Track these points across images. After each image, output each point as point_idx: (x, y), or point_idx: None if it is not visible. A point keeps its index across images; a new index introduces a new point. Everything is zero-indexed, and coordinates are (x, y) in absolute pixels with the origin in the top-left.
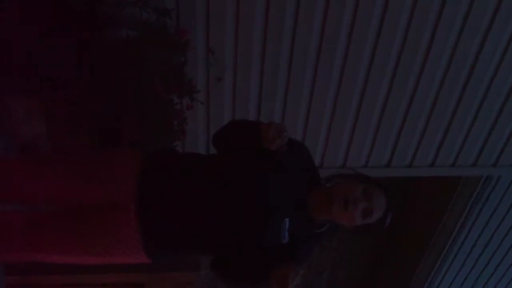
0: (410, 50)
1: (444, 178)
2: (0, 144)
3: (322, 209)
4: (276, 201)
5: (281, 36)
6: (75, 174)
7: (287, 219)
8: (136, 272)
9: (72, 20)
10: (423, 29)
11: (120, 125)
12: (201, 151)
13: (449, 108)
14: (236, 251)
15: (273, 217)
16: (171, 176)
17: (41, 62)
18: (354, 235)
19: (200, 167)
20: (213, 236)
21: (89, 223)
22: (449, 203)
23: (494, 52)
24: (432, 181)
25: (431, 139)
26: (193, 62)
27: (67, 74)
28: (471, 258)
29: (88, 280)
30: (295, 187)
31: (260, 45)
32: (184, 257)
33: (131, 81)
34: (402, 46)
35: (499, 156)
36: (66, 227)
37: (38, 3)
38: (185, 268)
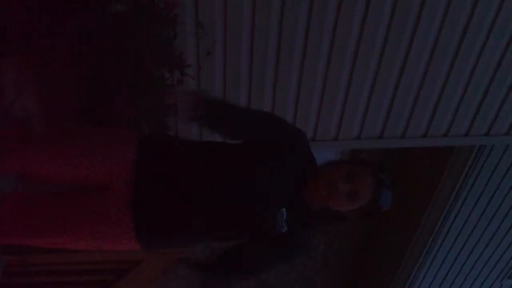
0: (399, 21)
1: (437, 148)
2: None
3: (313, 196)
4: (273, 191)
5: (270, 9)
6: (72, 152)
7: (284, 209)
8: None
9: None
10: (412, 1)
11: (112, 98)
12: (192, 127)
13: (441, 78)
14: (231, 242)
15: (271, 207)
16: (168, 162)
17: (32, 35)
18: (355, 221)
19: (198, 154)
20: (209, 225)
21: (82, 207)
22: (442, 174)
23: (483, 21)
24: (425, 152)
25: (423, 109)
26: (183, 37)
27: (57, 47)
28: (467, 228)
29: (85, 258)
30: (291, 178)
31: (249, 18)
32: (176, 246)
33: (121, 56)
34: (391, 18)
35: (492, 125)
36: (57, 211)
37: None
38: None
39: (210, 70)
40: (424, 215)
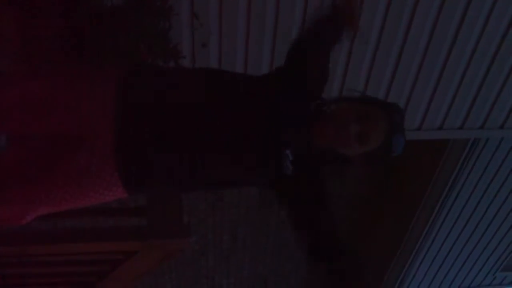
0: (395, 13)
1: (431, 141)
2: None
3: (319, 136)
4: (277, 129)
5: (266, 0)
6: (45, 97)
7: (288, 151)
8: (129, 240)
9: None
10: None
11: None
12: None
13: (436, 71)
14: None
15: (275, 146)
16: (156, 97)
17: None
18: (362, 168)
19: (191, 88)
20: (205, 169)
21: (62, 157)
22: (437, 167)
23: (479, 14)
24: (420, 145)
25: (417, 102)
26: (178, 28)
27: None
28: (460, 221)
29: (81, 249)
30: (297, 115)
31: (245, 9)
32: (164, 192)
33: (116, 47)
34: (386, 10)
35: (486, 118)
36: (35, 169)
37: None
38: (176, 235)
39: (205, 62)
40: (418, 207)
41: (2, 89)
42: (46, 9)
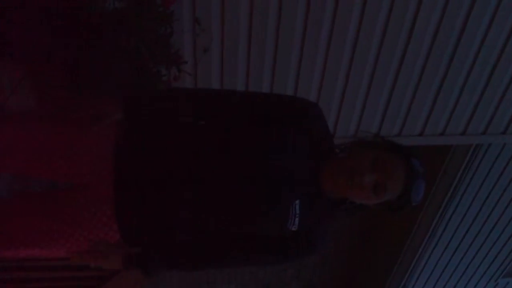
0: (397, 19)
1: (433, 147)
2: None
3: (331, 186)
4: (286, 179)
5: (268, 5)
6: (43, 148)
7: (297, 202)
8: None
9: None
10: (409, 1)
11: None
12: None
13: (438, 76)
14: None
15: (283, 200)
16: (155, 154)
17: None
18: (380, 213)
19: (194, 142)
20: (205, 222)
21: (56, 212)
22: (439, 173)
23: (480, 21)
24: (422, 151)
25: (419, 108)
26: (180, 33)
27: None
28: (462, 227)
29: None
30: (303, 165)
31: (247, 14)
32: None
33: (117, 52)
34: (388, 16)
35: (489, 124)
36: (29, 220)
37: None
38: None
39: (207, 67)
40: (420, 214)
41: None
42: (47, 10)
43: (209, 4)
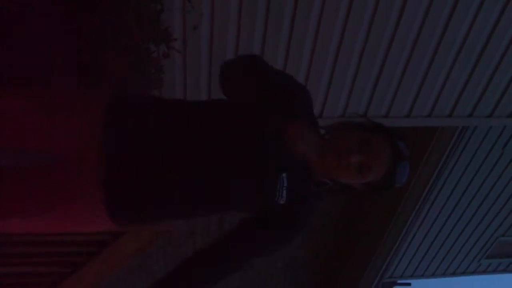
0: (386, 2)
1: (420, 128)
2: None
3: (318, 165)
4: (273, 153)
5: None
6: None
7: (284, 175)
8: None
9: None
10: None
11: (97, 70)
12: None
13: (425, 59)
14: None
15: (271, 171)
16: (147, 126)
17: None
18: (364, 196)
19: (185, 116)
20: (196, 198)
21: (41, 182)
22: (424, 154)
23: (469, 5)
24: (408, 132)
25: (407, 89)
26: (170, 10)
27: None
28: (446, 208)
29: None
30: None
31: None
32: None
33: (108, 27)
34: (376, 4)
35: (475, 106)
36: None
37: None
38: None
39: (197, 44)
40: (405, 194)
41: None
42: None
43: None
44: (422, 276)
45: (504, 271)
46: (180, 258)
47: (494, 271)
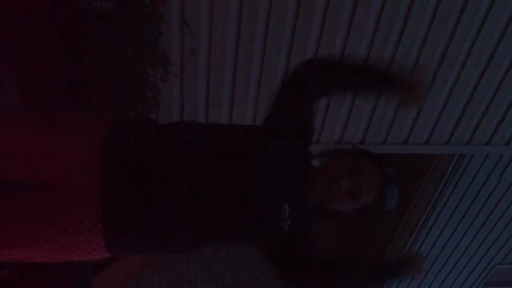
0: (385, 26)
1: (417, 156)
2: None
3: (310, 193)
4: (274, 185)
5: (256, 8)
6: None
7: (286, 205)
8: None
9: None
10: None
11: (93, 94)
12: None
13: (424, 86)
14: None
15: (273, 202)
16: (149, 152)
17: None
18: (355, 220)
19: (186, 143)
20: (195, 229)
21: (35, 211)
22: (422, 181)
23: (469, 30)
24: (406, 159)
25: (405, 116)
26: (168, 35)
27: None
28: (443, 236)
29: None
30: (292, 170)
31: (235, 17)
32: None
33: (105, 51)
34: (377, 21)
35: (473, 134)
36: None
37: None
38: None
39: (194, 69)
40: (402, 222)
41: None
42: (34, 10)
43: (197, 6)
44: None
45: None
46: (174, 282)
47: None
